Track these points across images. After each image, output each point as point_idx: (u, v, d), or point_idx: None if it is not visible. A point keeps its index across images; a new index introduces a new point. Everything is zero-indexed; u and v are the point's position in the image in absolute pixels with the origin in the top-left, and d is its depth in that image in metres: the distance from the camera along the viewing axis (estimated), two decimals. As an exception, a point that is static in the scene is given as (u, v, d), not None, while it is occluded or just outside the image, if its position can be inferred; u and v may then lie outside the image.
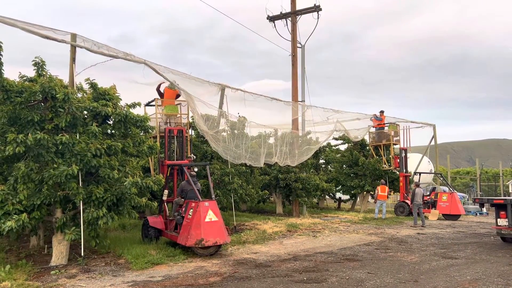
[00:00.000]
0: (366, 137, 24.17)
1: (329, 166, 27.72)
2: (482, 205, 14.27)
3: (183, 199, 10.90)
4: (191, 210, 10.06)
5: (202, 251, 9.82)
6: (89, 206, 8.84)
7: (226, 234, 10.06)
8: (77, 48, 9.21)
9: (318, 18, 20.07)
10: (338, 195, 27.92)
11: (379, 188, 19.94)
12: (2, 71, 8.30)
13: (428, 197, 21.12)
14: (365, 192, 24.29)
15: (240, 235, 12.87)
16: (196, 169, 11.34)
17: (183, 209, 10.64)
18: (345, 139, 26.18)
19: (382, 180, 20.52)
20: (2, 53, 8.22)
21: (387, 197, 20.24)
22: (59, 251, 9.06)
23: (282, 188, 20.55)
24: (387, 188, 20.07)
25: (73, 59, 9.18)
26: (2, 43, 8.17)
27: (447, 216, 20.04)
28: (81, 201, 8.73)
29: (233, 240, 12.00)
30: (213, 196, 10.82)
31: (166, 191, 11.67)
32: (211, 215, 9.86)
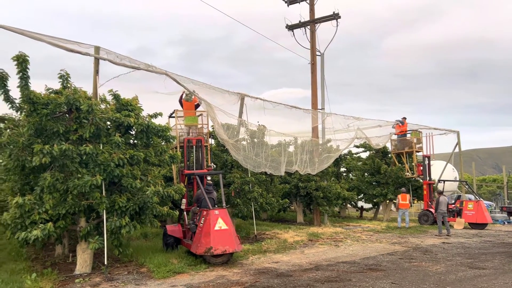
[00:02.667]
0: (388, 145, 23.89)
1: (350, 174, 27.43)
2: (510, 214, 13.88)
3: (198, 208, 11.02)
4: (203, 218, 10.15)
5: (213, 259, 9.85)
6: (112, 215, 9.00)
7: (236, 242, 10.06)
8: (100, 60, 9.46)
9: (337, 26, 20.08)
10: (360, 203, 27.59)
11: (400, 196, 19.65)
12: (29, 84, 8.58)
13: (453, 205, 20.65)
14: (387, 201, 23.94)
15: (261, 244, 12.85)
16: (209, 178, 11.45)
17: (197, 218, 10.75)
18: (366, 146, 25.93)
19: (403, 188, 20.21)
20: (29, 66, 8.50)
21: (409, 206, 19.89)
22: (83, 260, 9.23)
23: (303, 197, 20.44)
24: (408, 196, 19.76)
25: (96, 71, 9.40)
26: (28, 57, 8.46)
27: (473, 225, 19.54)
28: (104, 210, 8.89)
29: (254, 249, 11.99)
30: (224, 204, 10.88)
31: (184, 200, 11.83)
32: (221, 223, 9.89)
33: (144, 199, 9.19)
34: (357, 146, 26.42)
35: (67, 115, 9.19)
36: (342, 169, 27.48)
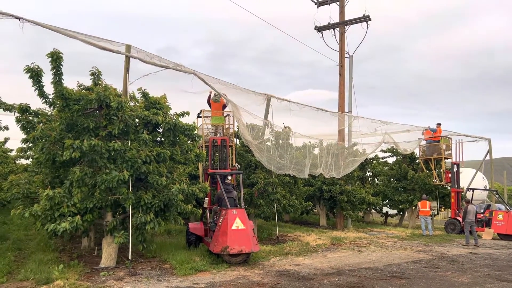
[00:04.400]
0: (416, 151, 23.41)
1: (376, 179, 27.05)
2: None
3: (219, 207, 11.10)
4: (222, 217, 10.23)
5: (230, 258, 9.89)
6: (137, 211, 9.17)
7: (253, 243, 10.06)
8: (130, 58, 9.64)
9: (367, 28, 19.85)
10: (385, 209, 27.18)
11: (420, 203, 19.26)
12: (62, 80, 8.84)
13: (482, 215, 20.05)
14: (413, 207, 23.50)
15: (282, 246, 12.83)
16: (229, 177, 11.51)
17: (217, 217, 10.84)
18: (393, 151, 25.51)
19: (424, 195, 19.78)
20: (62, 63, 8.76)
21: (430, 213, 19.41)
22: (108, 253, 9.44)
23: (327, 200, 20.28)
24: (429, 203, 19.30)
25: (127, 69, 9.59)
26: (62, 53, 8.71)
27: (502, 236, 18.92)
28: (130, 206, 9.06)
29: (276, 251, 11.98)
30: (242, 204, 10.92)
31: (206, 199, 11.95)
32: (238, 223, 9.93)
33: (169, 196, 9.32)
34: (383, 151, 26.01)
35: (97, 112, 9.42)
36: (368, 174, 27.11)
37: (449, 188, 22.01)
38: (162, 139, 10.32)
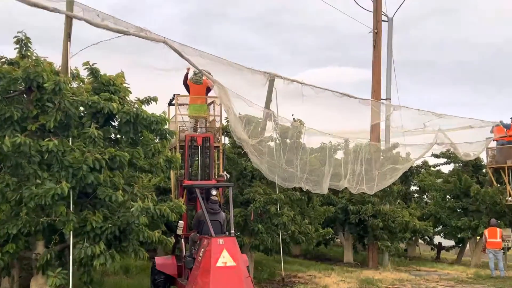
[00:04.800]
0: (483, 155, 23.45)
1: (425, 196, 27.11)
2: None
3: (198, 234, 11.08)
4: (203, 249, 10.21)
5: None
6: (82, 239, 9.07)
7: (247, 286, 9.98)
8: (74, 20, 9.58)
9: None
10: (437, 239, 27.20)
11: (487, 232, 19.26)
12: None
13: None
14: (478, 237, 23.54)
15: (290, 292, 12.84)
16: (215, 193, 11.41)
17: (196, 248, 10.83)
18: (450, 156, 25.52)
19: (493, 220, 19.83)
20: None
21: (502, 245, 19.42)
22: (39, 301, 9.40)
23: (354, 226, 20.30)
24: (499, 230, 19.29)
25: (68, 35, 9.54)
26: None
27: None
28: (71, 232, 8.95)
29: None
30: (233, 230, 10.85)
31: (181, 222, 11.85)
32: (227, 258, 9.85)
33: (127, 219, 9.26)
34: (436, 156, 26.01)
35: (24, 96, 9.38)
36: (413, 188, 27.17)
37: (529, 209, 22.05)
38: (118, 136, 10.29)
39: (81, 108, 9.66)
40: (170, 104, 13.79)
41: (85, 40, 10.05)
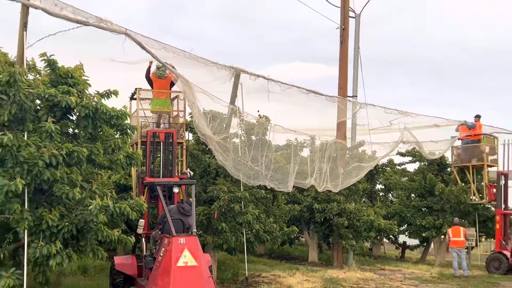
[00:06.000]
0: (448, 154, 23.80)
1: (390, 195, 27.43)
2: None
3: (160, 232, 11.01)
4: (163, 248, 10.17)
5: None
6: (37, 238, 8.97)
7: (209, 287, 9.99)
8: (30, 9, 9.39)
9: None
10: (402, 238, 27.56)
11: (451, 230, 19.58)
12: None
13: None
14: (442, 236, 23.92)
15: (254, 292, 12.83)
16: (176, 190, 11.39)
17: (157, 248, 10.76)
18: (415, 155, 25.85)
19: (456, 219, 20.19)
20: None
21: (465, 244, 19.78)
22: (-10, 303, 9.20)
23: (319, 225, 20.41)
24: (463, 230, 19.63)
25: (24, 25, 9.37)
26: None
27: None
28: (25, 231, 8.83)
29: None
30: (194, 229, 10.80)
31: (141, 221, 11.76)
32: (188, 258, 9.84)
33: (85, 217, 9.17)
34: (401, 154, 26.36)
35: (-24, 88, 9.17)
36: (378, 187, 27.46)
37: (493, 208, 22.50)
38: (76, 131, 10.19)
39: (37, 101, 9.58)
40: (131, 98, 13.70)
41: (43, 29, 9.88)
